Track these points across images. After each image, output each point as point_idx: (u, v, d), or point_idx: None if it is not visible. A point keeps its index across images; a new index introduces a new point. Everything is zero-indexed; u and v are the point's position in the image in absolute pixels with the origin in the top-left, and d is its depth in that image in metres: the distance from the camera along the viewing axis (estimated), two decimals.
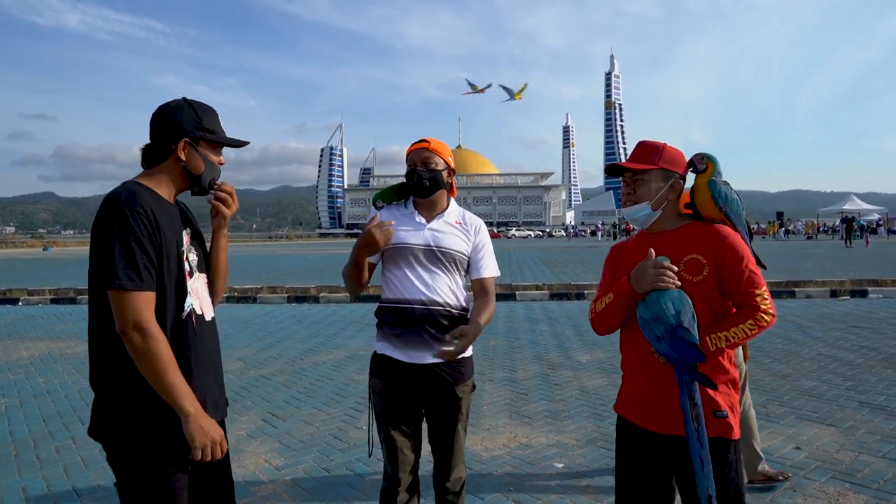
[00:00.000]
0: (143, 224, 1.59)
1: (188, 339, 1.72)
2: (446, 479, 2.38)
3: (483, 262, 2.41)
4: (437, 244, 2.32)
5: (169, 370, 1.59)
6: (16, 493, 3.42)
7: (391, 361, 2.30)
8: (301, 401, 5.15)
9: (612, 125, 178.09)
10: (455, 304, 2.32)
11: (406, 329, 2.26)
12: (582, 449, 3.91)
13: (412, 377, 2.28)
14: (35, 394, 5.52)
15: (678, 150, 1.90)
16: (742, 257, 1.77)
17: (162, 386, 1.59)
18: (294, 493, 3.36)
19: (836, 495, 3.15)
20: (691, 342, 1.68)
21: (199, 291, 1.79)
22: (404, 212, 2.39)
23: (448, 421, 2.35)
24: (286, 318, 9.94)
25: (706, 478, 1.69)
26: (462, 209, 2.49)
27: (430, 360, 2.26)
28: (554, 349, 7.08)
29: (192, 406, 1.62)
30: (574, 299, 11.68)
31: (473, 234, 2.41)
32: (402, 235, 2.31)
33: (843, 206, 49.71)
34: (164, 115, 1.73)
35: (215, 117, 1.79)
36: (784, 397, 4.89)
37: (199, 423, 1.62)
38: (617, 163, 1.89)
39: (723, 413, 1.76)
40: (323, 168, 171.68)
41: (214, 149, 1.79)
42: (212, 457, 1.67)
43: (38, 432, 4.46)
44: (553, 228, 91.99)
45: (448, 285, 2.32)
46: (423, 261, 2.31)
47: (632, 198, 1.88)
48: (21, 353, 7.42)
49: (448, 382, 2.30)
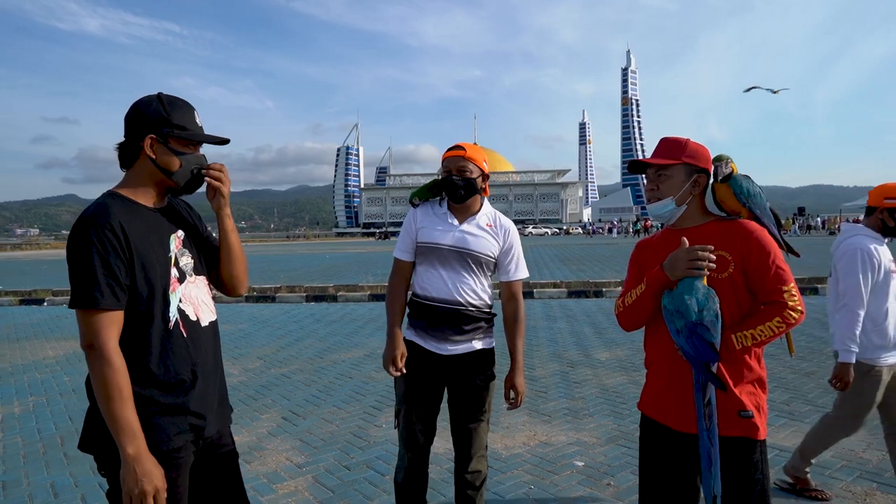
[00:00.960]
0: (107, 240, 1.51)
1: (179, 350, 1.63)
2: (466, 471, 2.46)
3: (512, 265, 2.52)
4: (466, 246, 2.42)
5: (115, 399, 1.48)
6: (45, 489, 3.49)
7: (417, 347, 2.45)
8: (321, 399, 5.18)
9: (628, 121, 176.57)
10: (479, 303, 2.45)
11: (431, 322, 2.42)
12: (603, 447, 3.89)
13: (435, 364, 2.43)
14: (61, 392, 5.63)
15: (702, 146, 1.87)
16: (769, 253, 1.74)
17: (106, 415, 1.49)
18: (315, 490, 3.38)
19: (864, 495, 3.10)
20: (708, 341, 1.66)
21: (193, 297, 1.71)
22: (438, 211, 2.50)
23: (469, 411, 2.46)
24: (305, 317, 10.01)
25: (713, 477, 1.68)
26: (495, 211, 2.56)
27: (452, 352, 2.41)
28: (573, 347, 7.04)
29: (131, 446, 1.49)
30: (592, 297, 11.60)
31: (503, 237, 2.50)
32: (435, 235, 2.43)
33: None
34: (132, 112, 1.64)
35: (189, 112, 1.67)
36: (808, 395, 4.82)
37: (133, 468, 1.48)
38: (640, 159, 1.88)
39: (748, 413, 1.73)
40: (339, 167, 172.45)
41: (187, 145, 1.67)
42: None
43: (65, 430, 4.55)
44: (570, 226, 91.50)
45: (473, 286, 2.44)
46: (452, 261, 2.42)
47: (656, 194, 1.86)
48: (47, 352, 7.56)
49: (468, 372, 2.44)
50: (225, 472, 1.79)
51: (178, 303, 1.66)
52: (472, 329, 2.44)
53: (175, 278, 1.66)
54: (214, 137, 1.72)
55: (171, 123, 1.63)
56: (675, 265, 1.72)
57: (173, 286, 1.65)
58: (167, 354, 1.61)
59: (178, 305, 1.66)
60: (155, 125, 1.62)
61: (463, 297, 2.40)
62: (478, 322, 2.45)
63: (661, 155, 1.87)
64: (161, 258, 1.63)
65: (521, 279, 2.55)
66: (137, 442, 1.50)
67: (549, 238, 61.88)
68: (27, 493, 3.44)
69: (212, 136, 1.71)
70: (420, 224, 2.48)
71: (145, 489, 1.49)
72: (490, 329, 2.54)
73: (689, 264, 1.69)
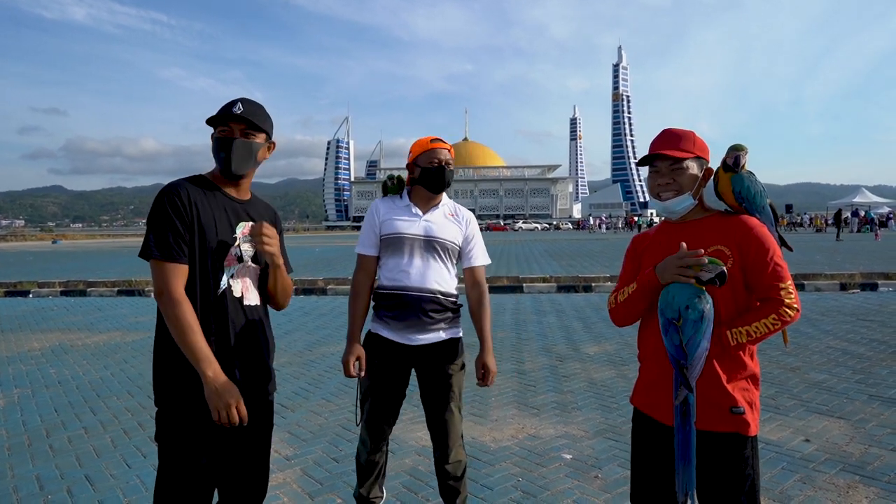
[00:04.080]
0: (175, 204, 1.81)
1: (218, 315, 1.88)
2: (446, 462, 2.52)
3: (474, 251, 2.63)
4: (433, 235, 2.49)
5: (188, 332, 1.76)
6: (30, 481, 3.46)
7: (383, 340, 2.51)
8: (310, 392, 5.17)
9: (619, 117, 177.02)
10: (446, 291, 2.51)
11: (401, 312, 2.46)
12: (590, 440, 3.91)
13: (402, 356, 2.48)
14: (47, 384, 5.58)
15: (702, 138, 1.86)
16: (768, 249, 1.73)
17: (184, 347, 1.77)
18: (304, 482, 3.38)
19: (846, 488, 3.14)
20: (677, 341, 1.66)
21: (245, 277, 1.96)
22: (399, 204, 2.57)
23: (440, 400, 2.50)
24: (294, 311, 9.97)
25: (684, 473, 1.68)
26: (454, 202, 2.67)
27: (421, 342, 2.45)
28: (562, 341, 7.08)
29: (209, 369, 1.76)
30: (582, 292, 11.65)
31: (465, 225, 2.61)
32: (401, 226, 2.49)
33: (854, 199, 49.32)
34: None
35: (230, 105, 1.93)
36: (793, 390, 4.87)
37: (213, 387, 1.76)
38: (658, 151, 1.80)
39: (740, 409, 1.73)
40: (329, 161, 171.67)
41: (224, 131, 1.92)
42: (230, 421, 1.78)
43: (51, 422, 4.51)
44: (560, 221, 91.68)
45: (441, 274, 2.50)
46: (420, 250, 2.48)
47: (672, 187, 1.80)
48: (32, 344, 7.49)
49: (438, 361, 2.48)
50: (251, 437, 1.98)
51: (229, 277, 1.91)
52: (441, 318, 2.49)
53: (234, 256, 1.92)
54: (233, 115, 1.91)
55: (213, 118, 1.92)
56: (666, 269, 1.72)
57: (229, 262, 1.91)
58: (207, 316, 1.86)
59: (229, 280, 1.91)
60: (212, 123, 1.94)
61: (431, 285, 2.47)
62: (445, 311, 2.51)
63: (673, 147, 1.81)
64: (224, 234, 1.90)
65: (484, 265, 2.66)
66: (214, 366, 1.78)
67: (539, 233, 62.02)
68: (12, 485, 3.41)
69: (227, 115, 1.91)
70: (384, 217, 2.54)
71: (228, 401, 1.76)
72: (457, 319, 2.60)
73: (678, 271, 1.68)
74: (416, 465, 3.55)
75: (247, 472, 2.00)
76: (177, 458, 1.85)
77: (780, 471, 3.36)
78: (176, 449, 1.85)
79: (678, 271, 1.68)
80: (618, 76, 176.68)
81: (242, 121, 1.91)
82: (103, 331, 8.35)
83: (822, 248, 22.20)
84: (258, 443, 2.03)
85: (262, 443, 2.05)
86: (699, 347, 1.66)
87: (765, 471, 3.33)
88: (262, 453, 2.05)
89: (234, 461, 1.96)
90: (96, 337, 7.89)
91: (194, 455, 1.85)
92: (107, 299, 12.04)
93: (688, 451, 1.68)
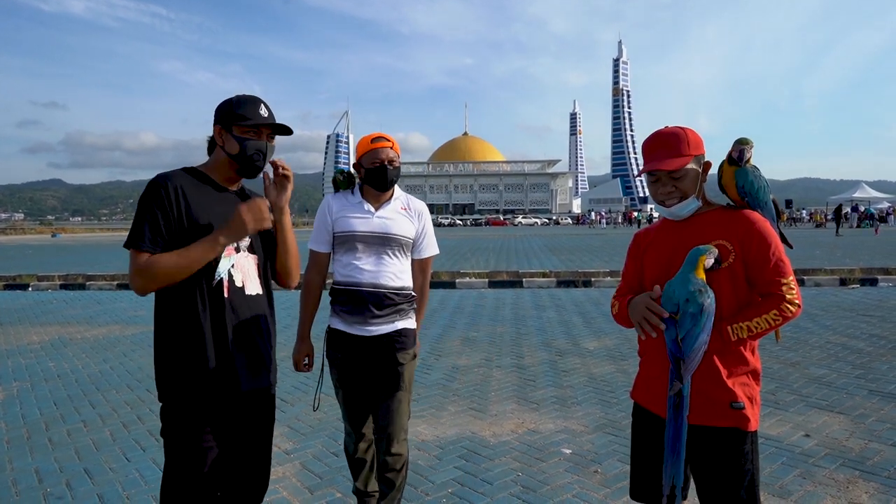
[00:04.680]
0: (161, 195, 1.80)
1: (215, 305, 1.86)
2: (387, 453, 2.53)
3: (424, 243, 2.67)
4: (385, 231, 2.52)
5: (179, 256, 1.77)
6: (29, 474, 3.46)
7: (342, 335, 2.55)
8: (309, 386, 5.17)
9: (619, 112, 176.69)
10: (400, 285, 2.54)
11: (354, 307, 2.51)
12: (590, 435, 3.91)
13: (360, 347, 2.53)
14: (46, 378, 5.57)
15: (694, 131, 1.81)
16: (770, 244, 1.71)
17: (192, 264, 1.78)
18: (303, 476, 3.38)
19: (846, 483, 3.14)
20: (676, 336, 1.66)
21: (245, 267, 1.96)
22: (352, 200, 2.58)
23: (389, 388, 2.54)
24: (293, 305, 9.96)
25: (673, 467, 1.68)
26: (406, 194, 2.67)
27: (375, 332, 2.49)
28: (561, 336, 7.07)
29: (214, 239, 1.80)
30: (581, 286, 11.65)
31: (418, 219, 2.64)
32: (354, 223, 2.51)
33: (854, 195, 49.27)
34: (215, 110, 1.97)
35: (252, 105, 1.92)
36: (793, 385, 4.87)
37: (231, 227, 1.81)
38: (657, 167, 1.75)
39: (739, 404, 1.72)
40: (329, 155, 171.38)
41: (248, 132, 1.91)
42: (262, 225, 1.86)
43: (50, 415, 4.51)
44: (559, 216, 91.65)
45: (394, 269, 2.53)
46: (373, 247, 2.51)
47: (675, 194, 1.78)
48: (32, 337, 7.49)
49: (390, 350, 2.52)
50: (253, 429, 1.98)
51: (229, 267, 1.90)
52: (394, 311, 2.53)
53: (231, 246, 1.90)
54: (268, 122, 1.93)
55: (234, 115, 1.90)
56: (636, 309, 1.77)
57: (227, 251, 1.89)
58: (205, 309, 1.84)
59: (229, 269, 1.90)
60: (222, 117, 1.92)
61: (384, 281, 2.50)
62: (398, 304, 2.54)
63: (670, 154, 1.76)
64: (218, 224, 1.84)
65: (433, 256, 2.71)
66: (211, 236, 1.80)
67: (539, 228, 62.00)
68: (11, 478, 3.41)
69: (273, 123, 1.94)
70: (336, 215, 2.55)
71: (254, 214, 1.82)
72: (410, 311, 2.62)
73: (644, 313, 1.72)
74: (416, 460, 3.55)
75: (249, 466, 1.99)
76: (184, 453, 1.84)
77: (780, 466, 3.36)
78: (183, 443, 1.85)
79: (644, 314, 1.72)
80: (618, 71, 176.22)
81: (271, 126, 1.94)
82: (102, 324, 8.34)
83: (822, 243, 22.20)
84: (260, 436, 2.02)
85: (264, 436, 2.04)
86: (697, 340, 1.65)
87: (765, 466, 3.33)
88: (265, 446, 2.05)
89: (237, 454, 1.95)
90: (95, 330, 7.88)
91: (201, 449, 1.84)
92: (106, 293, 12.03)
93: (678, 444, 1.67)
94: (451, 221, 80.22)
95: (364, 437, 2.65)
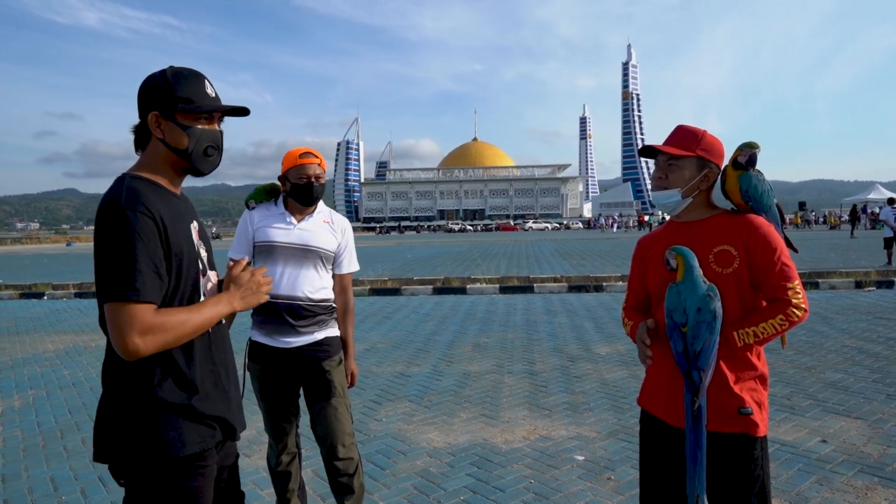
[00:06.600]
0: (148, 228, 1.39)
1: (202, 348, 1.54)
2: (335, 458, 2.54)
3: (345, 259, 2.67)
4: (307, 243, 2.52)
5: (190, 316, 1.43)
6: (44, 482, 3.49)
7: (262, 347, 2.54)
8: None
9: (629, 116, 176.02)
10: (318, 297, 2.54)
11: (268, 317, 2.50)
12: (603, 441, 3.88)
13: (282, 359, 2.52)
14: (61, 386, 5.63)
15: (717, 140, 1.82)
16: (775, 249, 1.70)
17: (200, 327, 1.45)
18: (315, 484, 3.38)
19: (864, 489, 3.09)
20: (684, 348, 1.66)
21: (210, 287, 1.61)
22: (275, 212, 2.58)
23: (322, 397, 2.55)
24: None
25: (696, 476, 1.66)
26: (329, 209, 2.69)
27: (295, 344, 2.49)
28: (573, 341, 7.04)
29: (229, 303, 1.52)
30: (593, 291, 11.59)
31: (341, 233, 2.65)
32: (275, 234, 2.51)
33: (868, 196, 48.64)
34: (140, 90, 1.52)
35: (196, 82, 1.52)
36: (809, 389, 4.81)
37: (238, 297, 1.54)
38: (653, 145, 1.81)
39: (748, 410, 1.71)
40: (339, 162, 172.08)
41: (197, 119, 1.51)
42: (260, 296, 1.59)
43: (65, 423, 4.55)
44: (570, 220, 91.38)
45: (313, 281, 2.53)
46: (293, 258, 2.51)
47: (663, 182, 1.82)
48: (47, 346, 7.57)
49: (314, 360, 2.52)
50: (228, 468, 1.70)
51: (203, 290, 1.56)
52: (311, 322, 2.53)
53: (199, 271, 1.55)
54: (225, 107, 1.55)
55: (174, 97, 1.48)
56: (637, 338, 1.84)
57: (199, 278, 1.55)
58: (191, 351, 1.49)
59: (204, 294, 1.56)
60: (159, 101, 1.48)
61: (302, 292, 2.50)
62: (317, 315, 2.54)
63: (676, 143, 1.81)
64: (189, 249, 1.51)
65: (352, 272, 2.71)
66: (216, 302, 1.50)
67: (550, 233, 61.86)
68: (27, 486, 3.44)
69: (224, 106, 1.56)
70: (257, 225, 2.55)
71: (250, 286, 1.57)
72: (332, 319, 2.63)
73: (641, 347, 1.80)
74: (428, 467, 3.54)
75: None
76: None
77: (796, 472, 3.31)
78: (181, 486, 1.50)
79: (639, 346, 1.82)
80: (627, 74, 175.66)
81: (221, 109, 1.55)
82: None
83: (837, 245, 21.95)
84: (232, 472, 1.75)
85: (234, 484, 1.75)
86: (714, 347, 1.65)
87: (780, 472, 3.29)
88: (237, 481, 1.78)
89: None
90: None
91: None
92: None
93: (699, 454, 1.66)
94: (461, 227, 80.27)
95: (286, 448, 2.65)
